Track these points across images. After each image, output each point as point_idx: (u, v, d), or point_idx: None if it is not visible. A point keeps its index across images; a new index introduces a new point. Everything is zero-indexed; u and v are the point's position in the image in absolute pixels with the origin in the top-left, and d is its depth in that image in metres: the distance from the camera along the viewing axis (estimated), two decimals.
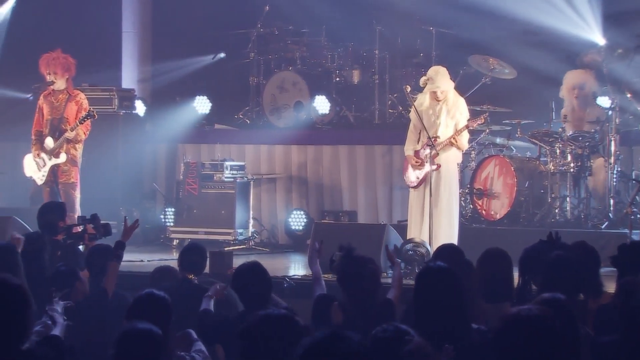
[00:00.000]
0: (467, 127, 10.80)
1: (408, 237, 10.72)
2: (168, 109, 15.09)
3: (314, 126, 14.45)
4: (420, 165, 10.85)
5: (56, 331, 6.02)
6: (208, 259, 8.56)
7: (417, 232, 10.75)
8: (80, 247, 8.99)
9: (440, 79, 10.79)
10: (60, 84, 11.89)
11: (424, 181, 10.83)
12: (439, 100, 10.82)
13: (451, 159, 10.92)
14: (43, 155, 11.86)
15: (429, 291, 5.53)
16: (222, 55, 15.88)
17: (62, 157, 11.78)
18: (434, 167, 10.68)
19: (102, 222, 8.98)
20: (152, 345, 4.91)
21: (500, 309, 6.05)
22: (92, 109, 11.79)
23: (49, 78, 11.88)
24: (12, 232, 10.64)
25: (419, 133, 10.96)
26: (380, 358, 4.53)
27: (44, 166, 11.89)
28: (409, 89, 11.08)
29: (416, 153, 10.92)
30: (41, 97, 12.10)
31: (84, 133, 11.75)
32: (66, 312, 6.31)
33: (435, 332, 5.11)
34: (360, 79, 15.00)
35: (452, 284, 5.52)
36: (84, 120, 11.64)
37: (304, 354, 3.76)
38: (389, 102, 14.56)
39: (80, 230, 8.96)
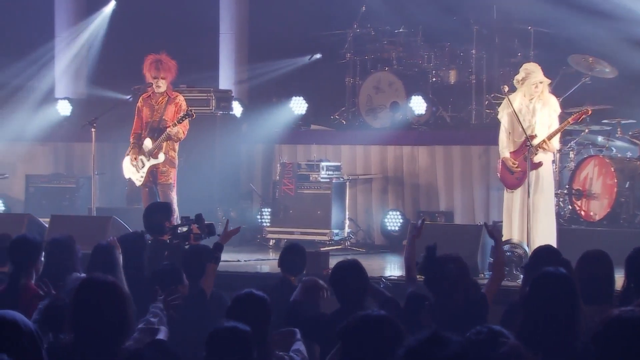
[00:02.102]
0: (567, 123, 10.68)
1: (505, 239, 10.62)
2: (264, 110, 15.17)
3: (410, 126, 14.39)
4: (518, 167, 10.75)
5: (161, 335, 6.07)
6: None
7: (516, 233, 10.64)
8: (186, 247, 9.08)
9: (539, 73, 10.72)
10: (162, 87, 12.00)
11: (522, 182, 10.72)
12: (532, 99, 10.71)
13: (548, 159, 10.81)
14: (141, 157, 12.00)
15: (544, 297, 5.40)
16: (319, 56, 15.92)
17: (161, 158, 11.90)
18: (535, 166, 10.57)
19: (206, 222, 9.06)
20: (240, 343, 4.94)
21: (600, 311, 5.95)
22: (190, 109, 11.89)
23: (153, 80, 11.97)
24: (112, 231, 10.86)
25: (510, 135, 10.86)
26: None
27: (142, 167, 12.02)
28: (506, 88, 10.98)
29: (512, 154, 10.81)
30: (140, 100, 12.21)
31: (183, 132, 11.85)
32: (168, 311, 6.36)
33: (543, 340, 5.00)
34: (456, 79, 14.90)
35: (570, 292, 5.41)
36: (182, 120, 11.75)
37: (406, 355, 3.74)
38: (486, 102, 14.44)
39: (185, 230, 9.05)
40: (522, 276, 9.44)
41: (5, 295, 7.02)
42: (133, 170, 12.10)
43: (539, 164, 10.60)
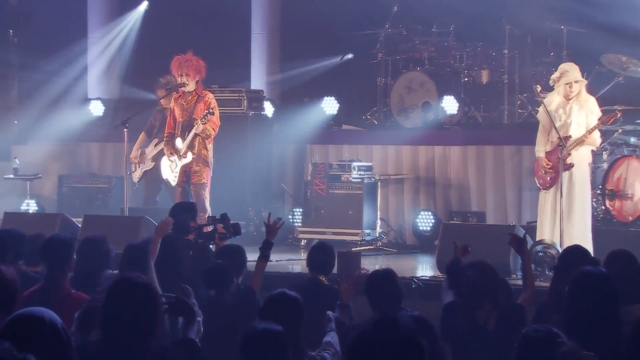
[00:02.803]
0: (598, 126, 10.61)
1: (538, 239, 10.58)
2: (296, 110, 15.18)
3: (441, 126, 14.36)
4: (550, 168, 10.70)
5: (192, 334, 6.08)
6: (336, 259, 8.58)
7: (548, 233, 10.60)
8: (211, 246, 9.10)
9: (575, 72, 10.66)
10: (190, 86, 12.04)
11: (555, 182, 10.67)
12: (569, 99, 10.66)
13: (583, 159, 10.74)
14: (174, 157, 12.05)
15: (585, 297, 5.37)
16: (350, 56, 15.92)
17: (189, 157, 11.92)
18: (566, 167, 10.52)
19: (231, 221, 9.06)
20: (275, 345, 4.94)
21: (631, 311, 5.91)
22: (211, 108, 11.87)
23: (180, 80, 12.03)
24: (144, 231, 10.90)
25: (548, 134, 10.81)
26: (529, 358, 4.44)
27: (175, 168, 12.08)
28: (539, 88, 10.94)
29: (547, 154, 10.77)
30: (172, 100, 12.28)
31: (213, 129, 11.86)
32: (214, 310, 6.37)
33: (586, 340, 4.96)
34: (489, 78, 14.85)
35: (610, 291, 5.37)
36: (206, 117, 11.74)
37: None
38: (519, 102, 14.39)
39: (210, 229, 9.06)
40: None
41: (40, 295, 7.06)
42: (169, 171, 12.17)
43: (571, 165, 10.54)
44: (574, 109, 10.65)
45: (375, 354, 3.57)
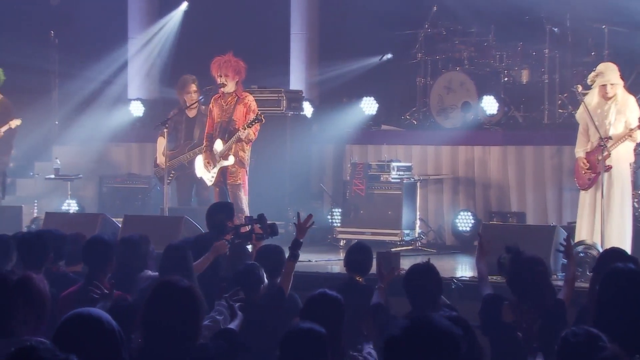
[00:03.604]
0: (625, 134, 10.53)
1: (577, 239, 10.51)
2: (335, 110, 15.18)
3: (481, 127, 14.30)
4: (589, 168, 10.63)
5: (233, 325, 6.09)
6: (375, 260, 8.57)
7: (586, 234, 10.53)
8: (248, 246, 9.11)
9: (610, 74, 10.56)
10: (230, 86, 12.07)
11: (594, 183, 10.60)
12: (608, 99, 10.57)
13: (623, 159, 10.66)
14: (212, 157, 12.09)
15: (615, 294, 5.33)
16: (389, 56, 15.89)
17: (230, 160, 11.97)
18: (605, 169, 10.44)
19: (268, 222, 9.06)
20: (315, 345, 4.93)
21: None
22: (259, 114, 11.94)
23: (219, 81, 12.07)
24: (184, 232, 10.95)
25: (588, 134, 10.74)
26: None
27: (213, 168, 12.11)
28: (580, 88, 10.87)
29: (587, 155, 10.70)
30: (212, 101, 12.33)
31: (254, 134, 11.92)
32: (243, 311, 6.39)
33: (619, 339, 4.92)
34: (529, 78, 14.77)
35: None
36: (252, 124, 11.80)
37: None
38: (559, 102, 14.30)
39: (247, 230, 9.07)
40: None
41: (82, 295, 7.10)
42: (204, 170, 12.21)
43: (610, 167, 10.46)
44: (612, 109, 10.57)
45: (411, 351, 3.56)
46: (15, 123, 14.09)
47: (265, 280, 7.53)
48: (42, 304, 4.88)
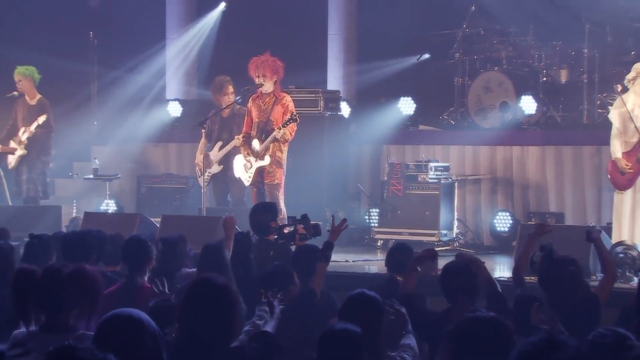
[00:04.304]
0: None
1: (614, 241, 10.43)
2: (372, 110, 15.15)
3: (520, 127, 14.22)
4: (631, 168, 10.55)
5: (268, 327, 6.10)
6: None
7: (624, 234, 10.46)
8: (292, 247, 9.11)
9: None
10: (268, 86, 12.09)
11: (633, 183, 10.53)
12: None
13: None
14: (250, 157, 12.12)
15: None
16: (427, 56, 15.86)
17: (267, 160, 11.99)
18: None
19: (312, 222, 9.07)
20: (352, 346, 4.93)
21: None
22: (295, 113, 11.95)
23: (257, 81, 12.09)
24: (222, 232, 10.96)
25: (622, 134, 10.66)
26: None
27: (250, 168, 12.14)
28: (619, 88, 10.80)
29: (625, 155, 10.62)
30: (250, 100, 12.36)
31: (290, 134, 11.92)
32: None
33: None
34: (568, 78, 14.67)
35: None
36: (287, 124, 11.81)
37: (520, 358, 3.69)
38: (598, 101, 14.20)
39: (291, 230, 9.08)
40: (636, 279, 9.28)
41: (122, 294, 7.13)
42: (242, 170, 12.24)
43: None
44: None
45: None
46: (42, 119, 14.15)
47: (296, 280, 7.54)
48: (97, 293, 4.93)
